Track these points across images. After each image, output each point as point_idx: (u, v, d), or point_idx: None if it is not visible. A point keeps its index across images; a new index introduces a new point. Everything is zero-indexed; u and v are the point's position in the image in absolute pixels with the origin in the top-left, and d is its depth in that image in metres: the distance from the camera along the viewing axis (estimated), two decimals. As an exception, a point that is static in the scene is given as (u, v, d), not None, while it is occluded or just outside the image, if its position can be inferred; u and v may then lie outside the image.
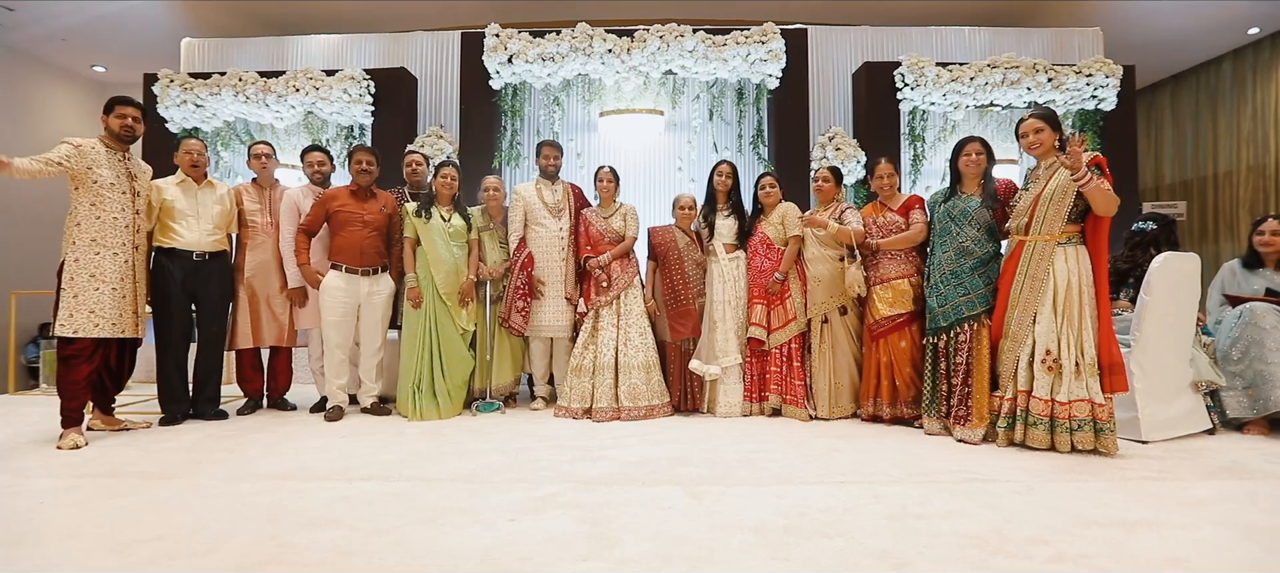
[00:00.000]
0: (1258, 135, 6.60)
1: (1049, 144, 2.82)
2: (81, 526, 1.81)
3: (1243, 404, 2.86)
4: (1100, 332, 2.65)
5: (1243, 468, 2.40)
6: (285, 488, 2.16)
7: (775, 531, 1.78)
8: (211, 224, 3.29)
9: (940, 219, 3.11)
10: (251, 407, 3.54)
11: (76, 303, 2.79)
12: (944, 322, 2.98)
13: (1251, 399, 2.84)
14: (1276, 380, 2.79)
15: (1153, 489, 2.15)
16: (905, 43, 5.43)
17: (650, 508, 1.96)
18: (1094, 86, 4.86)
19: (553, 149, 3.75)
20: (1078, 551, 1.63)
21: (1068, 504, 1.98)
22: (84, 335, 2.80)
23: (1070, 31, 5.52)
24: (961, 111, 4.99)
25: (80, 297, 2.80)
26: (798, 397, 3.38)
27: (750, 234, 3.63)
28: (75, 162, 2.84)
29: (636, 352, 3.45)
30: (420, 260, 3.42)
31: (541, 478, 2.28)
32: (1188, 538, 1.72)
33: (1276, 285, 3.13)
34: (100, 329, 2.82)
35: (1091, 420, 2.59)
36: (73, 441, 2.71)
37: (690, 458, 2.55)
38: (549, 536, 1.74)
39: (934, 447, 2.75)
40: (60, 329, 2.80)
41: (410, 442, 2.85)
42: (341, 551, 1.64)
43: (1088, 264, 2.70)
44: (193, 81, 5.01)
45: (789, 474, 2.32)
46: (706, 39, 4.83)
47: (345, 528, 1.79)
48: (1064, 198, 2.70)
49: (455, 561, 1.59)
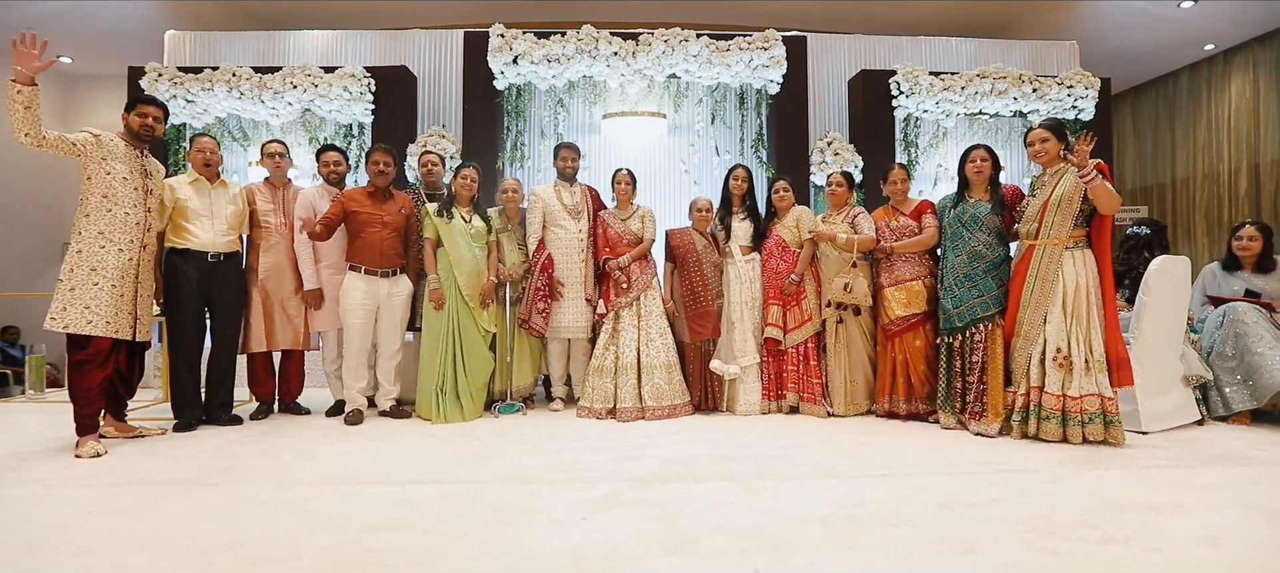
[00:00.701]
0: (1212, 145, 7.06)
1: (1055, 153, 2.99)
2: (140, 535, 1.76)
3: (1244, 397, 3.09)
4: (1107, 330, 2.83)
5: (1238, 456, 2.60)
6: (337, 493, 2.14)
7: (841, 522, 1.86)
8: (226, 224, 3.21)
9: (951, 224, 3.25)
10: (264, 411, 3.46)
11: (72, 297, 2.66)
12: (959, 322, 3.12)
13: (1250, 390, 3.07)
14: (1267, 369, 3.03)
15: (1166, 476, 2.32)
16: (897, 51, 5.62)
17: (712, 503, 2.02)
18: (1074, 97, 5.13)
19: (571, 151, 3.77)
20: (1122, 533, 1.76)
21: (1097, 491, 2.13)
22: (75, 331, 2.67)
23: (1049, 44, 5.81)
24: (953, 119, 5.21)
25: (77, 290, 2.67)
26: (815, 395, 3.49)
27: (765, 237, 3.73)
28: (92, 150, 2.74)
29: (658, 352, 3.50)
30: (442, 262, 3.41)
31: (594, 477, 2.31)
32: (1212, 519, 1.87)
33: (1254, 286, 3.39)
34: (93, 327, 2.68)
35: (1101, 414, 2.76)
36: (93, 449, 2.61)
37: (730, 455, 2.62)
38: (626, 533, 1.78)
39: (953, 441, 2.88)
40: (50, 323, 2.68)
41: (443, 444, 2.85)
42: (425, 553, 1.65)
43: (1094, 266, 2.87)
44: (183, 76, 4.84)
45: (830, 469, 2.42)
46: (710, 44, 4.92)
47: (418, 530, 1.80)
48: (1071, 204, 2.87)
49: (547, 558, 1.61)
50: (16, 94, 2.52)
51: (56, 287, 2.70)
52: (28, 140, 2.60)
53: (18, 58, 2.52)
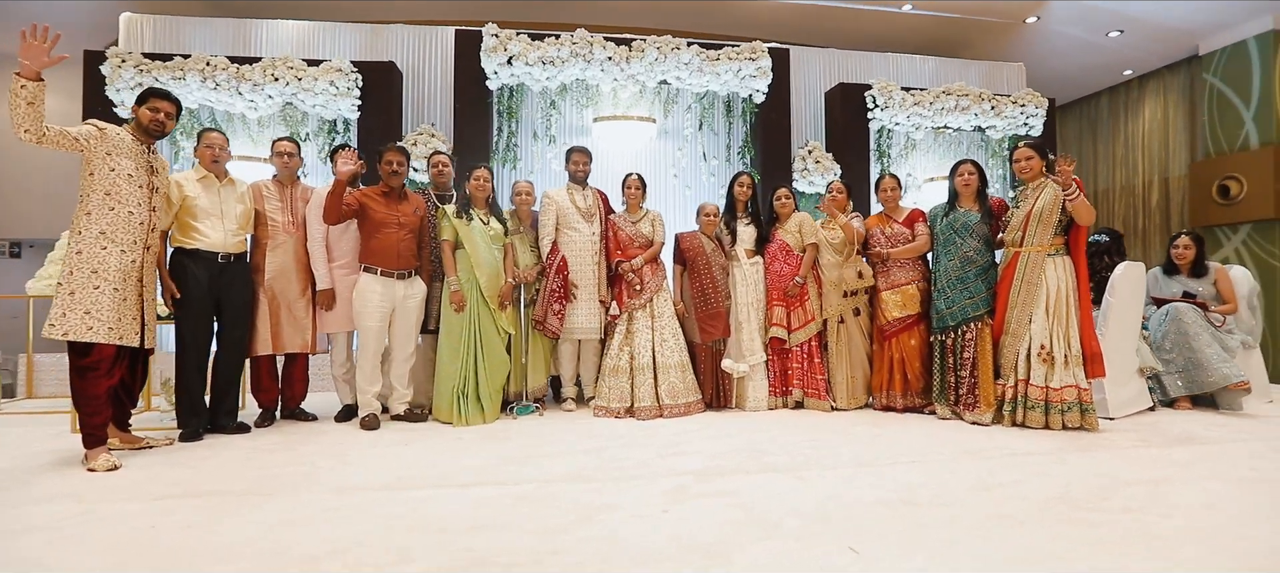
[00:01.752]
0: (1129, 160, 7.88)
1: (1037, 169, 3.32)
2: (222, 546, 1.72)
3: (1179, 386, 3.55)
4: (1083, 327, 3.18)
5: (1196, 436, 3.00)
6: (402, 498, 2.14)
7: (897, 503, 2.05)
8: (236, 224, 3.08)
9: (943, 231, 3.55)
10: (267, 418, 3.33)
11: (72, 301, 2.50)
12: (952, 321, 3.41)
13: (1186, 381, 3.53)
14: (1202, 364, 3.51)
15: (1146, 455, 2.66)
16: (868, 67, 5.98)
17: (774, 492, 2.17)
18: (1026, 114, 5.64)
19: (583, 155, 3.83)
20: (1136, 503, 2.03)
21: (1099, 469, 2.42)
22: (75, 339, 2.52)
23: (1000, 65, 6.34)
24: (921, 132, 5.60)
25: (77, 294, 2.52)
26: (819, 390, 3.71)
27: (768, 241, 3.93)
28: (95, 144, 2.57)
29: (672, 352, 3.63)
30: (462, 263, 3.39)
31: (649, 473, 2.41)
32: (1202, 488, 2.19)
33: (1191, 289, 3.88)
34: (94, 333, 2.53)
35: (1078, 403, 3.11)
36: (108, 462, 2.47)
37: (764, 448, 2.78)
38: (714, 522, 1.89)
39: (952, 430, 3.16)
40: (49, 330, 2.52)
41: (477, 447, 2.86)
42: (533, 552, 1.70)
43: (1072, 272, 3.22)
44: (150, 63, 4.53)
45: (863, 458, 2.62)
46: (701, 53, 5.08)
47: (513, 530, 1.85)
48: (1051, 216, 3.20)
49: (660, 547, 1.70)
50: (20, 89, 2.36)
51: (56, 290, 2.53)
52: (28, 137, 2.43)
53: (25, 51, 2.35)
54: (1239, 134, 6.19)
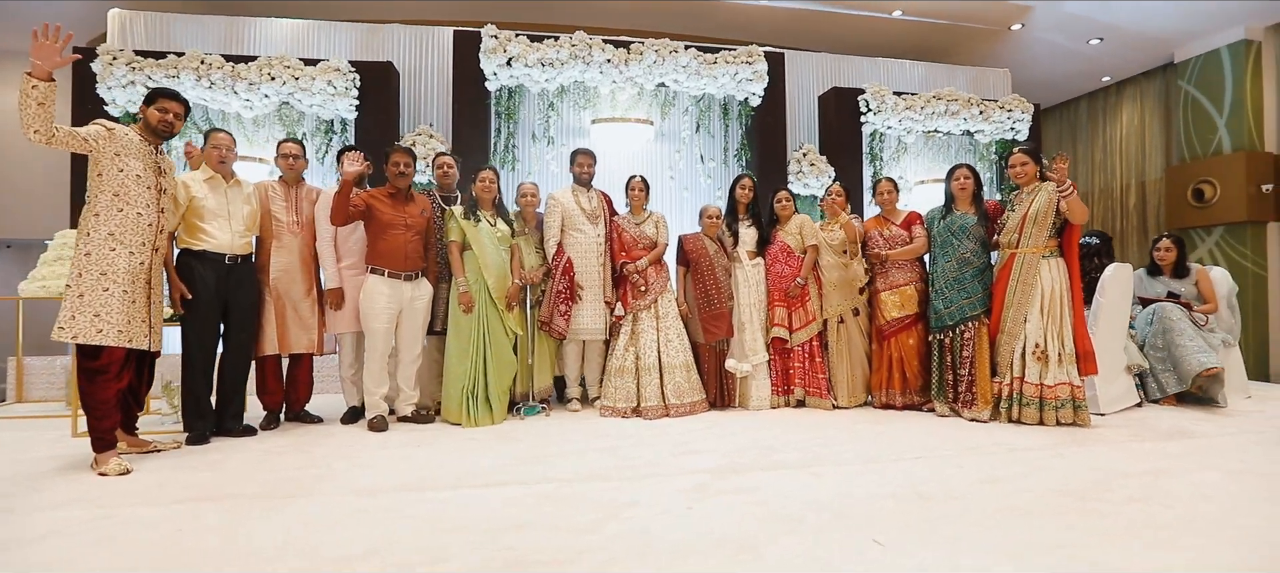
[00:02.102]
0: (1107, 164, 8.12)
1: (1032, 174, 3.43)
2: (251, 549, 1.72)
3: (1171, 381, 3.69)
4: (1076, 326, 3.29)
5: (1184, 431, 3.13)
6: (427, 498, 2.15)
7: (910, 497, 2.11)
8: (243, 224, 3.06)
9: (941, 233, 3.64)
10: (272, 420, 3.31)
11: (81, 304, 2.48)
12: (949, 321, 3.51)
13: (1177, 377, 3.67)
14: (1189, 359, 3.64)
15: (1140, 449, 2.77)
16: (860, 71, 6.09)
17: (791, 488, 2.22)
18: (1013, 119, 5.79)
19: (587, 157, 3.86)
20: (1138, 495, 2.12)
21: (1096, 463, 2.52)
22: (84, 341, 2.50)
23: (987, 70, 6.50)
24: (913, 136, 5.72)
25: (86, 296, 2.49)
26: (821, 389, 3.79)
27: (769, 242, 3.99)
28: (103, 145, 2.54)
29: (677, 352, 3.67)
30: (470, 264, 3.40)
31: (667, 471, 2.45)
32: (1196, 480, 2.29)
33: (1174, 289, 4.04)
34: (104, 336, 2.50)
35: (1071, 399, 3.22)
36: (119, 466, 2.44)
37: (774, 446, 2.84)
38: (738, 517, 1.94)
39: (952, 426, 3.25)
40: (58, 333, 2.49)
41: (490, 447, 2.88)
42: (569, 550, 1.73)
43: (1065, 273, 3.33)
44: (143, 61, 4.45)
45: (867, 455, 2.69)
46: (698, 56, 5.14)
47: (544, 528, 1.87)
48: (1046, 218, 3.31)
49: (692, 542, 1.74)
50: (31, 89, 2.32)
51: (64, 292, 2.50)
52: (37, 137, 2.40)
53: (36, 51, 2.32)
54: (1212, 139, 6.42)
